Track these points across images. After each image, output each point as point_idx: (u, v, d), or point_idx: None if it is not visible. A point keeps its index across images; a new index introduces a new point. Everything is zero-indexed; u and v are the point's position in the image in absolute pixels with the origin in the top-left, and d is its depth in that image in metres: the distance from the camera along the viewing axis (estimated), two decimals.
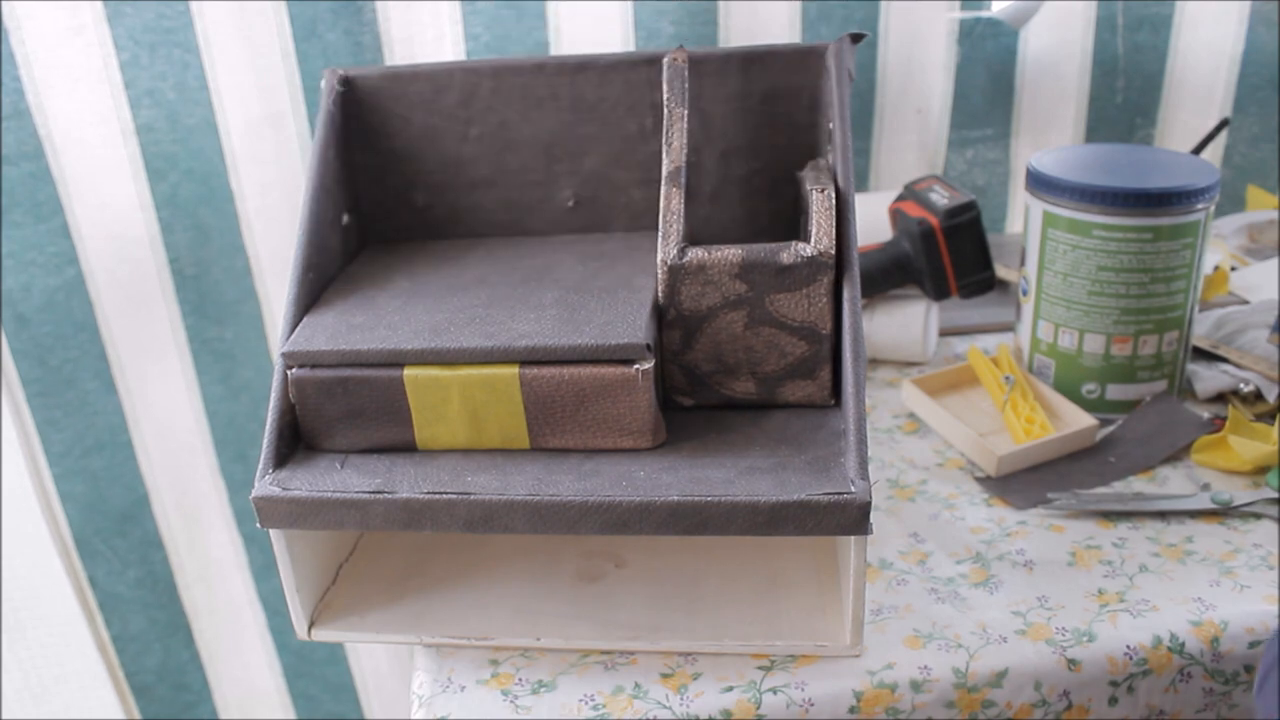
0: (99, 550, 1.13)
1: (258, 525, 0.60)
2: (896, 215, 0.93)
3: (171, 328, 1.07)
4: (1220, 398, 0.85)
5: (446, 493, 0.58)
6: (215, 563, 1.19)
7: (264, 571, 1.21)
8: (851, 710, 0.60)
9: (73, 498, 1.10)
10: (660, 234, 0.63)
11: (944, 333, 0.97)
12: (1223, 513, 0.73)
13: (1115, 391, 0.83)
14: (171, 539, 1.16)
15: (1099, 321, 0.81)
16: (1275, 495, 0.73)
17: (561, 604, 0.66)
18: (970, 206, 0.90)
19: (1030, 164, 0.82)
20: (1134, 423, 0.82)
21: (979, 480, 0.78)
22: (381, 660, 1.28)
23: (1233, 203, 1.18)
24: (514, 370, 0.60)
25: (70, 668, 1.16)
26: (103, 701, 1.18)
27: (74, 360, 1.05)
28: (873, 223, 0.98)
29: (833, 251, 0.62)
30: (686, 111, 0.67)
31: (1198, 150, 0.93)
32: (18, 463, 1.06)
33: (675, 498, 0.56)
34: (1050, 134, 1.17)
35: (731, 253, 0.62)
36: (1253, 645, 0.63)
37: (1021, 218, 0.86)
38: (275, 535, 0.62)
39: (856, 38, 0.73)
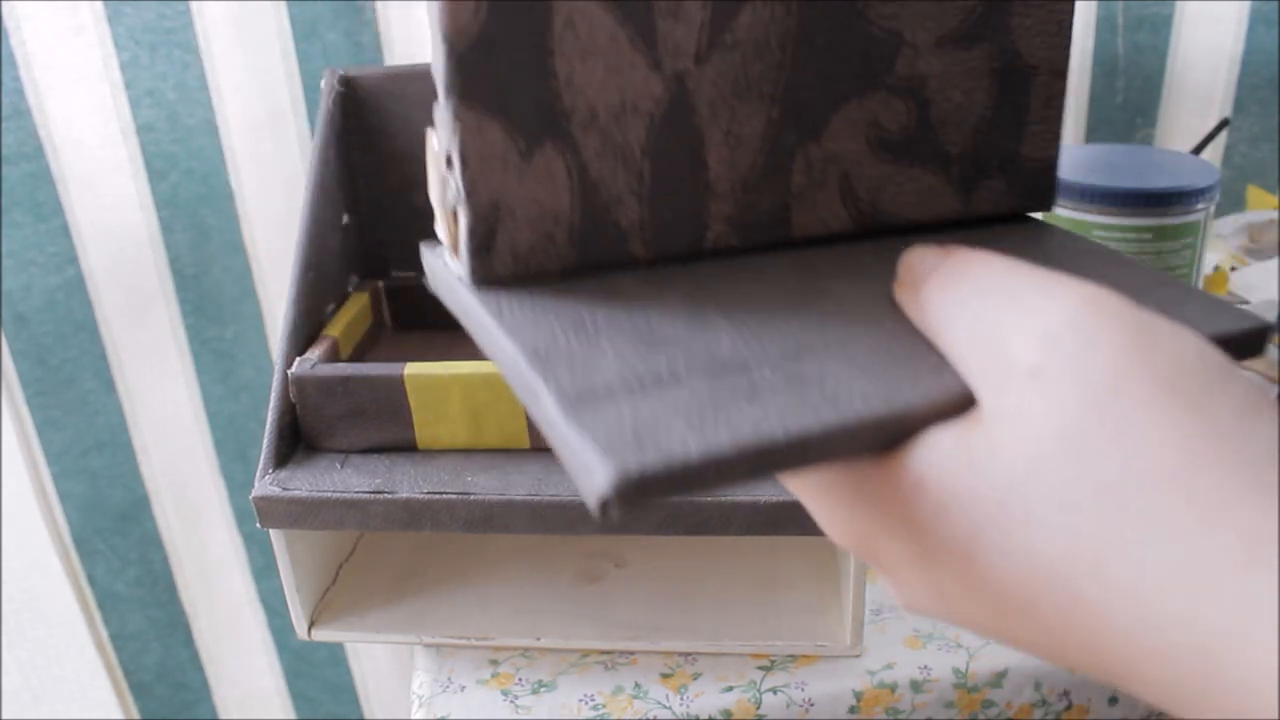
0: (98, 549, 1.13)
1: (258, 525, 0.60)
2: None
3: (171, 327, 1.07)
4: None
5: (446, 493, 0.58)
6: (215, 562, 1.19)
7: (264, 571, 1.21)
8: (851, 710, 0.60)
9: (72, 497, 1.10)
10: None
11: None
12: None
13: None
14: (171, 539, 1.16)
15: None
16: None
17: (562, 604, 0.66)
18: None
19: None
20: None
21: None
22: (381, 660, 1.28)
23: (1233, 203, 1.18)
24: None
25: (69, 665, 1.16)
26: (101, 699, 1.18)
27: (74, 360, 1.05)
28: None
29: None
30: None
31: (1198, 150, 0.93)
32: (17, 462, 1.06)
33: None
34: None
35: None
36: None
37: None
38: (275, 535, 0.62)
39: None
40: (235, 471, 1.15)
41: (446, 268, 0.35)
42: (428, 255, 0.36)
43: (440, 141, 0.33)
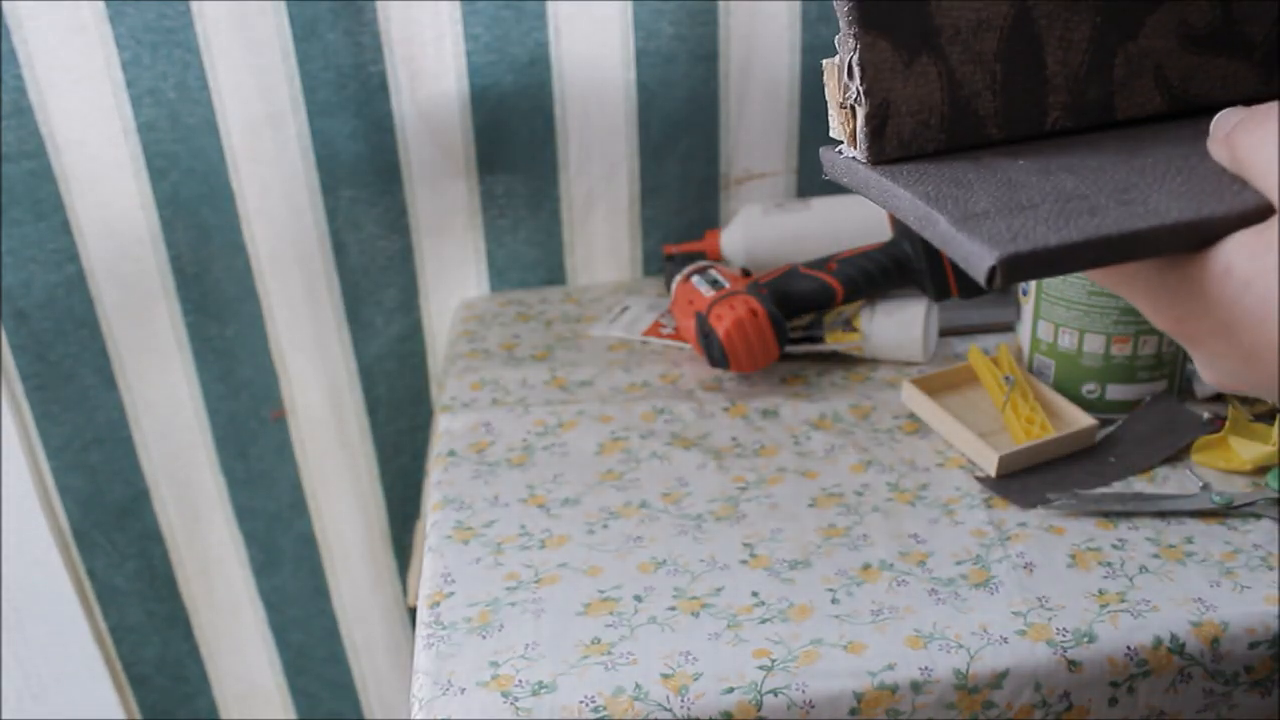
0: (97, 542, 1.13)
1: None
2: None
3: (172, 325, 1.07)
4: (1220, 398, 0.85)
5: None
6: (215, 559, 1.19)
7: (264, 568, 1.21)
8: (852, 711, 0.60)
9: (71, 491, 1.10)
10: None
11: (944, 333, 0.97)
12: (1223, 513, 0.73)
13: (1115, 391, 0.83)
14: (171, 534, 1.16)
15: (1099, 321, 0.81)
16: (1275, 495, 0.73)
17: None
18: None
19: None
20: (1134, 423, 0.82)
21: (979, 480, 0.78)
22: (381, 660, 1.29)
23: None
24: None
25: (68, 658, 1.17)
26: (100, 692, 1.19)
27: (74, 356, 1.05)
28: (873, 223, 0.98)
29: None
30: None
31: None
32: (16, 456, 1.06)
33: None
34: None
35: None
36: (1252, 645, 0.63)
37: None
38: None
39: None
40: (235, 468, 1.16)
41: (843, 156, 0.44)
42: (825, 153, 0.45)
43: (842, 58, 0.42)
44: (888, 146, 0.43)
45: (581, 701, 0.60)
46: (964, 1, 0.43)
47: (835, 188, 1.20)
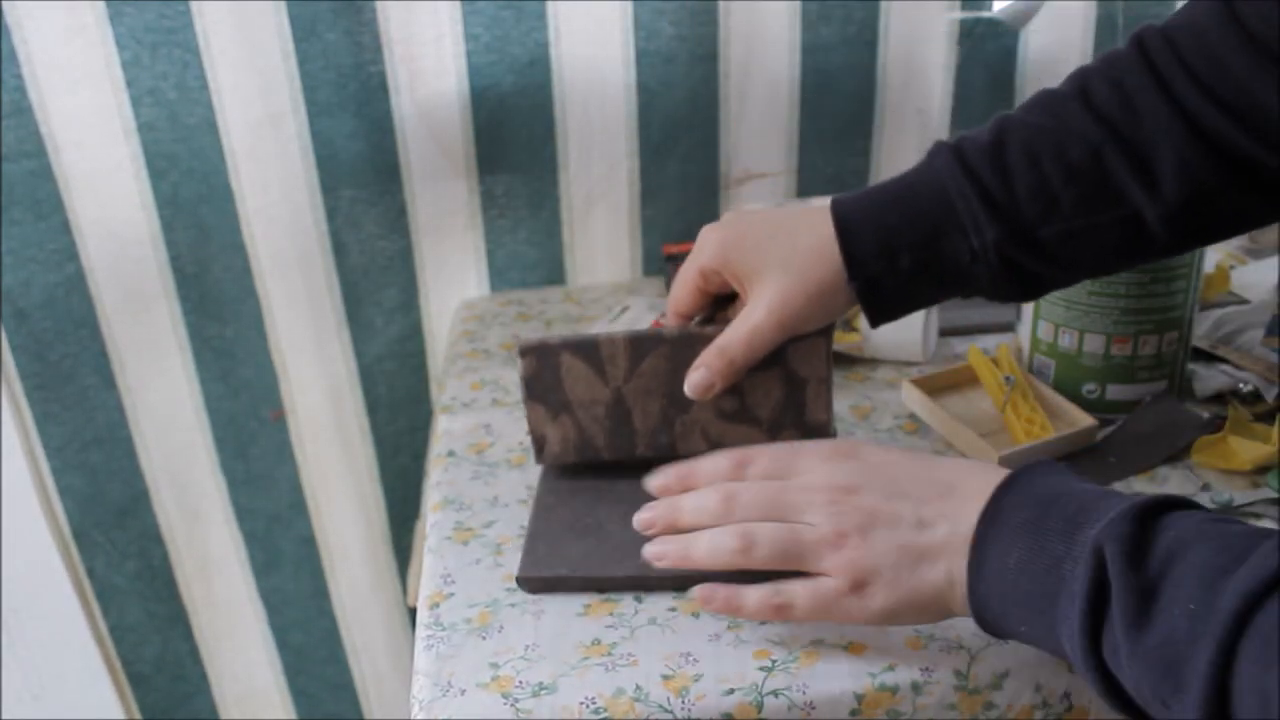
0: (97, 542, 1.13)
1: None
2: None
3: (172, 325, 1.07)
4: (1219, 398, 0.85)
5: None
6: (214, 559, 1.19)
7: (264, 569, 1.21)
8: (853, 712, 0.60)
9: (71, 491, 1.10)
10: None
11: (944, 333, 0.97)
12: (1223, 513, 0.73)
13: (1115, 391, 0.83)
14: (170, 535, 1.16)
15: (1099, 321, 0.81)
16: (1275, 495, 0.73)
17: None
18: None
19: None
20: (1134, 423, 0.82)
21: None
22: (382, 661, 1.29)
23: None
24: None
25: (68, 658, 1.17)
26: (100, 692, 1.19)
27: (73, 356, 1.05)
28: None
29: None
30: None
31: None
32: (16, 456, 1.06)
33: None
34: None
35: None
36: None
37: None
38: None
39: None
40: (235, 469, 1.16)
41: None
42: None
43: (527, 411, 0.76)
44: (545, 458, 0.75)
45: (582, 703, 0.60)
46: (584, 389, 0.73)
47: (835, 187, 1.20)
